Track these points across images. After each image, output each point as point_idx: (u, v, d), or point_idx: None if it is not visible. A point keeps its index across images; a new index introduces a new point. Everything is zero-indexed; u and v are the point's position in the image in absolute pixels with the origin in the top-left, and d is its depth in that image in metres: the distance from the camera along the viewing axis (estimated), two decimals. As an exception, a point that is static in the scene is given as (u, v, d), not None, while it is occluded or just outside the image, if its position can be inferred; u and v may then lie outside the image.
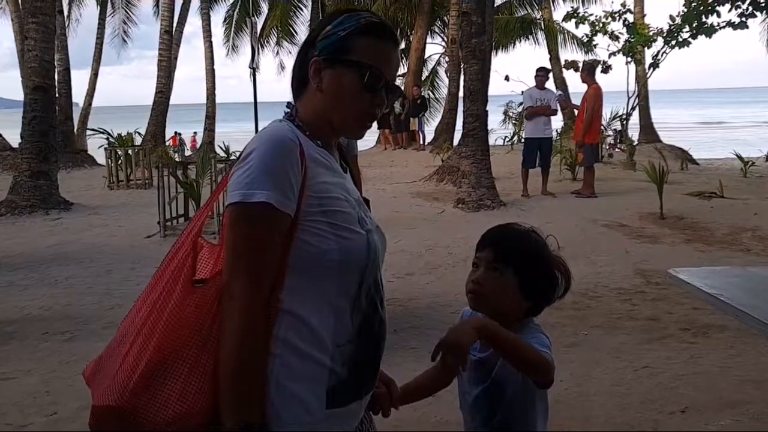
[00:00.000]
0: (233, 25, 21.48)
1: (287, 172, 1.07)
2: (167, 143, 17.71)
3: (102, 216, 7.89)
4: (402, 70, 17.25)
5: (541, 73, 8.63)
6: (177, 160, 11.70)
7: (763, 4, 9.17)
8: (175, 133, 20.39)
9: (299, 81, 1.21)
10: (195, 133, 19.43)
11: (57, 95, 14.33)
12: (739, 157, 11.80)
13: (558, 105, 8.93)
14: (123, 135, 12.08)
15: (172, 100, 17.66)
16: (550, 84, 9.26)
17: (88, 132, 16.56)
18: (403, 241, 5.95)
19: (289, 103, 1.25)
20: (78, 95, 19.52)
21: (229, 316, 1.05)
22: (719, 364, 3.34)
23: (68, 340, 3.71)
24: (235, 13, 21.30)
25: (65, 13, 18.49)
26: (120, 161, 10.66)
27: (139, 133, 14.61)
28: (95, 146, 14.32)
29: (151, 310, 1.10)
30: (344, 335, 1.13)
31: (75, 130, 16.79)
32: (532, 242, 1.36)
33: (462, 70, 10.00)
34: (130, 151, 10.91)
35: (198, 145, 19.94)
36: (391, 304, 4.07)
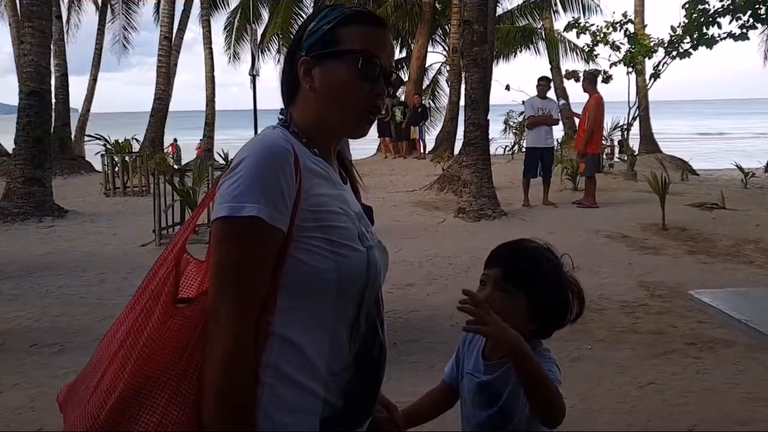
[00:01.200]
0: (234, 33, 21.52)
1: (280, 184, 0.98)
2: (166, 150, 17.64)
3: (97, 223, 7.80)
4: (403, 78, 17.22)
5: (543, 83, 8.59)
6: (175, 167, 11.62)
7: (764, 16, 9.17)
8: (174, 140, 20.32)
9: (290, 86, 1.13)
10: (201, 140, 19.34)
11: (54, 101, 14.35)
12: (740, 168, 11.77)
13: (560, 115, 8.88)
14: (120, 141, 12.02)
15: (174, 107, 17.63)
16: (551, 93, 9.22)
17: (86, 138, 16.52)
18: (404, 251, 5.88)
19: (282, 109, 1.17)
20: (78, 101, 19.57)
21: (214, 341, 0.96)
22: (726, 380, 3.27)
23: (57, 353, 3.61)
24: (236, 21, 21.34)
25: (64, 18, 18.51)
26: (117, 168, 10.58)
27: (137, 140, 14.55)
28: (93, 152, 14.26)
29: (128, 333, 1.01)
30: (340, 362, 1.04)
31: (73, 136, 16.74)
32: (544, 262, 1.28)
33: (463, 78, 9.97)
34: (127, 158, 10.85)
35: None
36: (391, 316, 3.99)
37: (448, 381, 1.40)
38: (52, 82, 9.60)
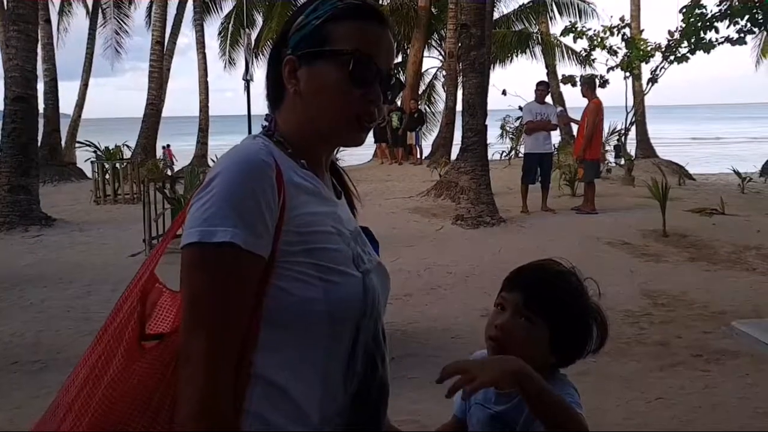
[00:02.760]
0: (229, 38, 21.44)
1: (258, 203, 0.85)
2: (161, 156, 17.47)
3: (85, 232, 7.62)
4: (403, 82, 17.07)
5: (542, 87, 8.49)
6: (168, 173, 11.48)
7: (761, 20, 9.14)
8: (167, 146, 20.15)
9: (275, 88, 0.99)
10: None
11: (44, 106, 14.17)
12: (737, 173, 11.74)
13: (558, 120, 8.78)
14: (111, 148, 11.85)
15: (169, 113, 17.50)
16: (548, 98, 9.13)
17: (76, 144, 16.33)
18: (401, 260, 5.77)
19: (268, 114, 1.03)
20: (71, 107, 19.37)
21: (186, 387, 0.82)
22: (736, 394, 3.19)
23: (38, 371, 3.46)
24: (230, 26, 21.26)
25: (54, 22, 18.35)
26: (107, 175, 10.40)
27: (128, 146, 14.36)
28: (84, 159, 14.08)
29: (86, 379, 0.87)
30: (334, 406, 0.90)
31: (63, 142, 16.54)
32: (571, 288, 1.16)
33: (460, 83, 9.87)
34: (117, 165, 10.67)
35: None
36: (389, 328, 3.82)
37: (460, 416, 1.27)
38: (41, 87, 9.43)
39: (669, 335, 3.99)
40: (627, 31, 10.78)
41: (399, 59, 19.53)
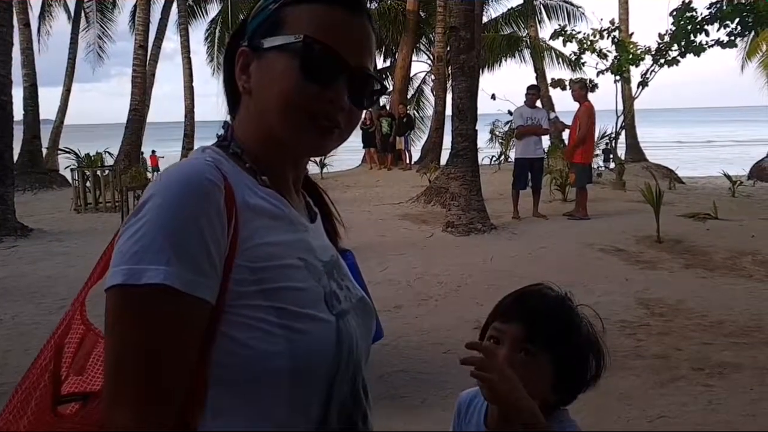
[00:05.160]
0: (216, 43, 21.27)
1: (201, 233, 0.67)
2: (146, 162, 17.19)
3: (63, 243, 7.37)
4: (387, 86, 17.02)
5: (533, 91, 8.37)
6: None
7: (751, 24, 9.15)
8: (152, 152, 19.86)
9: (231, 89, 0.82)
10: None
11: (24, 113, 13.87)
12: (728, 177, 11.74)
13: (549, 125, 8.67)
14: (92, 155, 11.55)
15: (157, 118, 17.26)
16: (537, 102, 9.03)
17: (58, 151, 16.02)
18: (391, 269, 5.60)
19: (226, 122, 0.85)
20: (55, 113, 19.05)
21: None
22: (741, 411, 3.07)
23: (3, 396, 3.21)
24: (217, 30, 21.09)
25: (34, 27, 18.03)
26: (87, 182, 10.13)
27: (110, 153, 14.07)
28: (66, 166, 13.79)
29: None
30: None
31: (45, 148, 16.21)
32: (575, 318, 1.05)
33: (449, 87, 9.75)
34: (99, 172, 10.41)
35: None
36: (378, 343, 3.70)
37: None
38: (20, 93, 9.16)
39: (668, 347, 3.87)
40: (617, 33, 10.74)
41: (387, 63, 19.45)
